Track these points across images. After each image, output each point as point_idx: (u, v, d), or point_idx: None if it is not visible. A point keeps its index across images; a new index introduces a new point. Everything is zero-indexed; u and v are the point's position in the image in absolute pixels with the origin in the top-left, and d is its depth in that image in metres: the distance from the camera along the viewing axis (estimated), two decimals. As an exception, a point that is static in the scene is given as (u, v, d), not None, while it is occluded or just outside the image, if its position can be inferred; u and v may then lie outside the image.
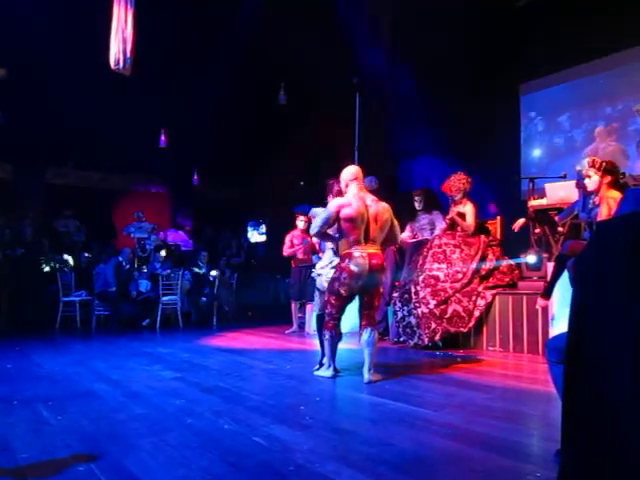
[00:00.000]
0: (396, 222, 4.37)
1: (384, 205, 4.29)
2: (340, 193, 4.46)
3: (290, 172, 10.86)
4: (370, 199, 4.25)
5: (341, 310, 4.28)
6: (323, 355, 4.62)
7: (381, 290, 4.34)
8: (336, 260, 4.42)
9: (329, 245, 4.62)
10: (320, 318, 4.75)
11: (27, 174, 11.00)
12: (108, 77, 5.23)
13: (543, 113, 8.92)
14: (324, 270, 4.57)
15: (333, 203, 4.23)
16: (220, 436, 2.77)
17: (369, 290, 4.19)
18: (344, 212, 4.11)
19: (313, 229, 4.22)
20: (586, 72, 8.18)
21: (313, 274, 4.80)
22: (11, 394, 3.72)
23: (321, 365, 4.63)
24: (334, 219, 4.16)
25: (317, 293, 4.73)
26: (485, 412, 3.21)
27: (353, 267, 4.08)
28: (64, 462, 2.38)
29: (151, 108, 9.40)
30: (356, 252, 4.10)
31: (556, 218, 4.93)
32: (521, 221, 5.33)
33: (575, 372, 1.32)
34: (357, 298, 4.28)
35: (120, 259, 8.78)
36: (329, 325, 4.27)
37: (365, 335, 4.18)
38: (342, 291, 4.15)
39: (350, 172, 4.32)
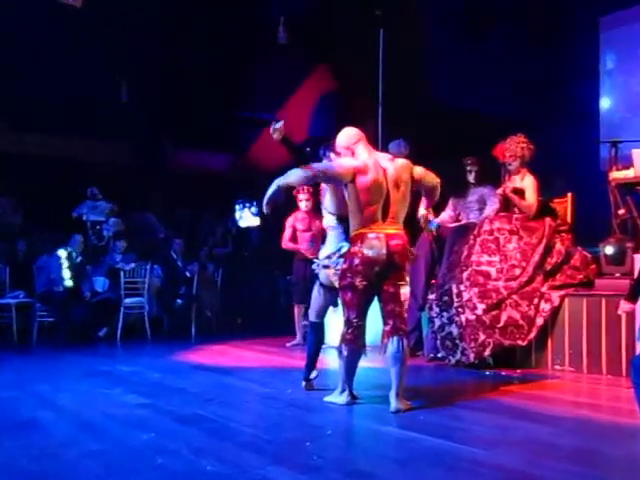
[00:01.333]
0: (420, 169, 4.35)
1: (402, 163, 4.30)
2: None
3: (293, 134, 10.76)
4: (386, 159, 4.27)
5: (362, 312, 4.26)
6: (309, 369, 4.80)
7: (407, 279, 4.29)
8: (346, 246, 4.41)
9: (331, 223, 4.63)
10: (316, 328, 4.83)
11: None
12: (55, 12, 5.19)
13: (628, 55, 8.80)
14: (331, 260, 4.54)
15: (346, 161, 4.20)
16: (202, 480, 2.74)
17: (390, 276, 4.16)
18: (360, 180, 4.10)
19: (310, 168, 4.15)
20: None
21: (314, 266, 4.77)
22: None
23: (308, 381, 4.79)
24: (348, 179, 4.09)
25: (317, 291, 4.75)
26: (550, 451, 3.21)
27: (367, 251, 4.07)
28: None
29: (108, 54, 9.37)
30: (369, 233, 4.10)
31: None
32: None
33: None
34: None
35: (69, 249, 8.77)
36: (347, 337, 4.23)
37: (391, 347, 4.13)
38: (357, 282, 4.13)
39: (350, 134, 4.34)
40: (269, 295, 10.97)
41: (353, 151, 4.27)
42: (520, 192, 6.18)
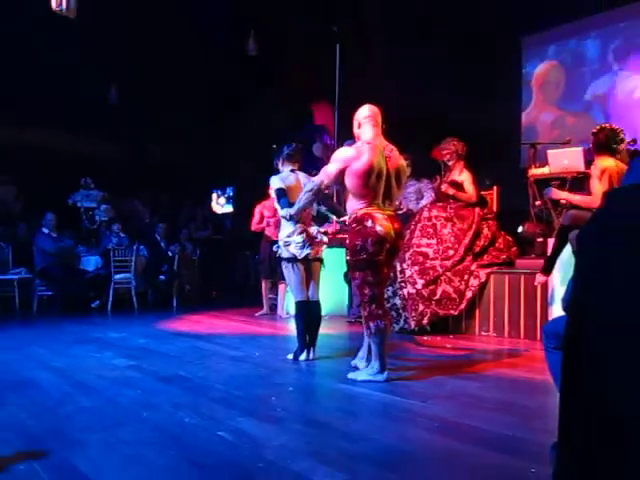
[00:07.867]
0: None
1: (401, 158, 3.98)
2: (292, 160, 4.49)
3: (261, 132, 10.56)
4: (389, 149, 3.88)
5: (383, 284, 4.03)
6: (303, 347, 4.43)
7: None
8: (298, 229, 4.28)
9: (282, 212, 4.32)
10: (301, 307, 4.48)
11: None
12: (50, 19, 5.07)
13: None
14: (293, 238, 4.35)
15: (338, 157, 3.83)
16: (180, 431, 2.79)
17: (392, 260, 4.03)
18: (355, 166, 3.73)
19: (290, 208, 4.04)
20: (600, 24, 8.10)
21: (275, 248, 4.54)
22: (-62, 385, 3.67)
23: (295, 355, 4.46)
24: (337, 178, 3.81)
25: (286, 269, 4.46)
26: (477, 403, 3.28)
27: (379, 228, 3.71)
28: (1, 461, 2.36)
29: (100, 59, 9.16)
30: (377, 213, 3.76)
31: None
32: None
33: (575, 359, 1.30)
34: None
35: (45, 231, 8.44)
36: (379, 312, 3.79)
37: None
38: (377, 258, 3.73)
39: (364, 110, 3.93)
40: (241, 272, 10.99)
41: (360, 125, 3.94)
42: (458, 185, 6.18)
